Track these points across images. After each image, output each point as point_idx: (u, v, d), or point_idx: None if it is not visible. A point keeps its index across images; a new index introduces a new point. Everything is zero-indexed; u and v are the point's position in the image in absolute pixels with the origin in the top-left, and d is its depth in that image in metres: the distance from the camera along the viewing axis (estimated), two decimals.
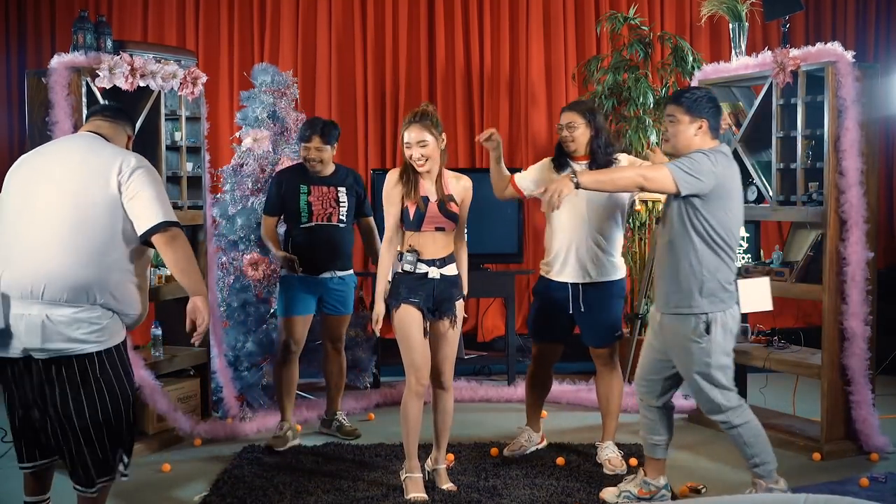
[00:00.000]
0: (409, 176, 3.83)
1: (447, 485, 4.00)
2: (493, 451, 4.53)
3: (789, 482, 4.11)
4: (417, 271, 3.82)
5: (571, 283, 4.29)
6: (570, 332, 4.48)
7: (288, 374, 4.78)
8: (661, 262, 3.72)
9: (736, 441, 3.70)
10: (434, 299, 3.86)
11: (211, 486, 4.11)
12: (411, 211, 3.81)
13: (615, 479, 4.10)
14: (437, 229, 3.84)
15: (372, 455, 4.52)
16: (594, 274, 4.27)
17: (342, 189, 4.76)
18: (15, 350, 3.13)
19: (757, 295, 4.42)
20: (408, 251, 3.83)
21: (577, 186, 3.57)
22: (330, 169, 4.79)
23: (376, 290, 3.90)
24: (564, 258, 4.29)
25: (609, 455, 4.36)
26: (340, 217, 4.75)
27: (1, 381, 3.26)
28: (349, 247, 4.84)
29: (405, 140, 3.81)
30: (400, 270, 3.85)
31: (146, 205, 3.15)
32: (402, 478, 3.96)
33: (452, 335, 3.94)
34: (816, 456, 4.42)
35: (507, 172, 4.44)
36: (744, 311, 3.81)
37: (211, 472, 4.33)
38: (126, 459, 3.26)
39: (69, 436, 3.19)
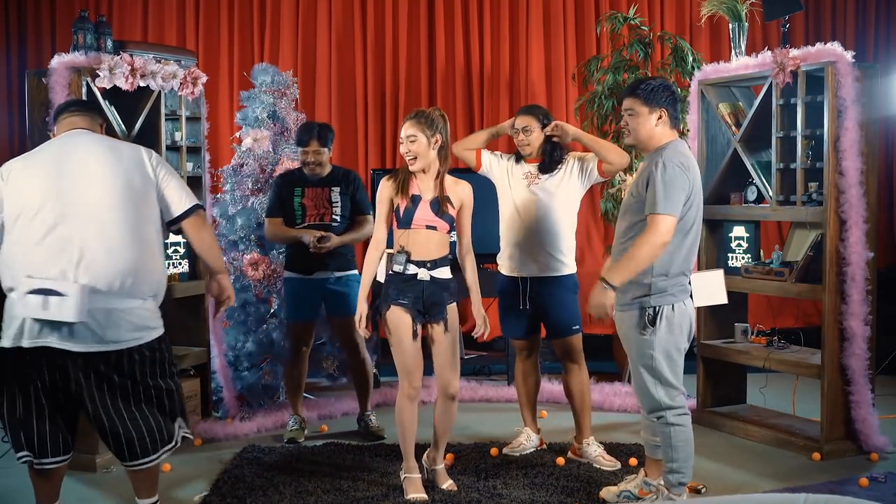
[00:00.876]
0: (401, 175, 3.88)
1: (447, 483, 4.00)
2: (493, 451, 4.53)
3: (789, 482, 4.12)
4: (407, 272, 3.82)
5: (521, 278, 4.39)
6: (537, 324, 4.53)
7: (298, 372, 4.91)
8: (619, 257, 3.67)
9: (663, 440, 3.66)
10: (423, 302, 3.84)
11: (211, 486, 4.11)
12: (402, 208, 3.83)
13: (615, 479, 4.10)
14: (429, 227, 3.83)
15: (372, 455, 4.52)
16: (537, 270, 4.36)
17: (335, 189, 4.79)
18: (83, 344, 3.22)
19: (711, 288, 4.44)
20: (398, 251, 3.84)
21: (615, 289, 3.50)
22: (326, 170, 4.83)
23: (360, 289, 3.90)
24: (510, 254, 4.42)
25: (598, 451, 4.39)
26: (333, 217, 4.77)
27: (29, 376, 3.26)
28: (345, 247, 4.83)
29: (400, 136, 3.87)
30: (391, 271, 3.86)
31: (176, 190, 3.49)
32: (402, 478, 3.97)
33: (447, 340, 3.89)
34: (816, 456, 4.42)
35: (483, 146, 4.57)
36: (697, 305, 3.81)
37: (211, 472, 4.34)
38: (184, 425, 3.49)
39: (136, 420, 3.32)
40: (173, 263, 4.94)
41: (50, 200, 3.25)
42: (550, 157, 4.38)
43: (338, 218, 4.79)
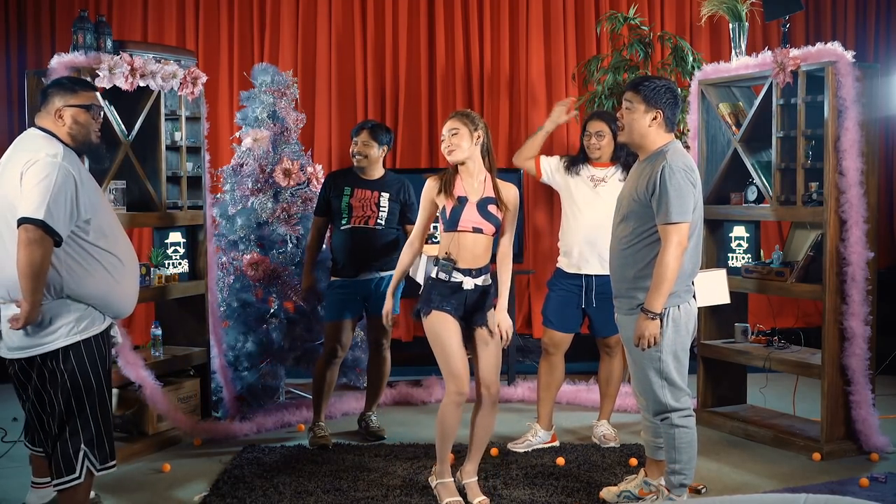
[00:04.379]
0: (446, 175, 3.82)
1: (479, 498, 3.86)
2: (494, 451, 4.53)
3: (789, 482, 4.12)
4: (452, 280, 3.74)
5: (584, 275, 4.56)
6: (583, 320, 4.72)
7: (330, 376, 4.82)
8: (623, 263, 3.64)
9: (667, 441, 3.65)
10: (465, 309, 3.78)
11: (211, 486, 4.11)
12: (448, 209, 3.75)
13: (614, 479, 4.11)
14: (475, 230, 3.76)
15: (372, 455, 4.52)
16: (599, 267, 4.53)
17: (385, 194, 4.77)
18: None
19: (714, 288, 4.44)
20: (444, 258, 3.75)
21: (659, 315, 3.49)
22: (378, 172, 4.82)
23: (389, 286, 3.89)
24: (575, 252, 4.58)
25: (604, 431, 4.68)
26: (378, 221, 4.75)
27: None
28: (389, 249, 4.80)
29: (441, 134, 3.86)
30: (434, 276, 3.77)
31: (23, 198, 3.17)
32: (434, 484, 3.90)
33: (494, 344, 3.83)
34: (816, 456, 4.42)
35: (537, 151, 4.73)
36: (700, 305, 3.79)
37: (211, 472, 4.33)
38: (90, 455, 3.31)
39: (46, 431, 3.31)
40: (173, 263, 4.94)
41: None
42: (626, 163, 4.51)
43: (382, 223, 4.76)
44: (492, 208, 3.78)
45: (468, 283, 3.75)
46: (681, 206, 3.46)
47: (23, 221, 3.09)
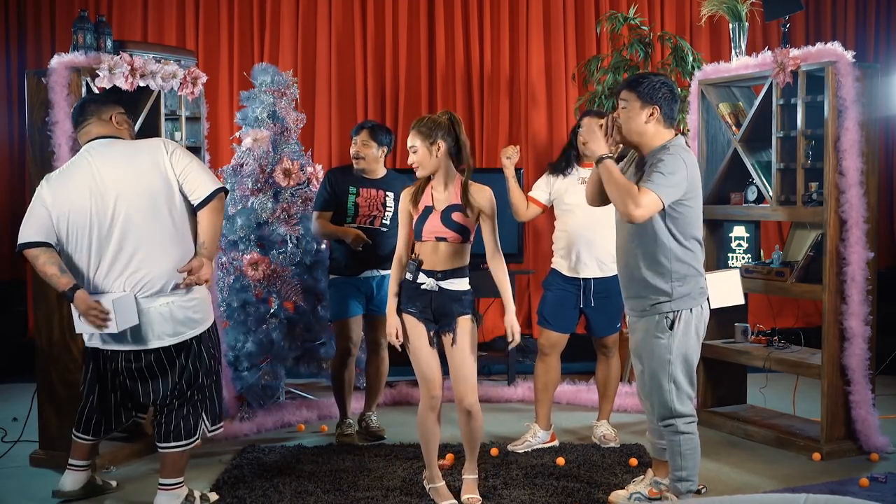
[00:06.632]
0: (419, 184, 3.84)
1: (468, 496, 3.85)
2: (494, 451, 4.53)
3: (789, 482, 4.12)
4: (417, 281, 3.77)
5: (583, 279, 4.58)
6: (578, 321, 4.74)
7: (347, 375, 4.85)
8: (631, 264, 3.59)
9: (672, 448, 3.60)
10: (433, 311, 3.77)
11: (211, 486, 4.11)
12: (415, 219, 3.79)
13: (614, 479, 4.10)
14: (438, 239, 3.74)
15: (372, 455, 4.52)
16: (597, 270, 4.57)
17: (390, 194, 4.78)
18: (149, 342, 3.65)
19: (727, 289, 4.43)
20: (411, 259, 3.79)
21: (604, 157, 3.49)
22: (380, 172, 4.82)
23: (387, 306, 3.80)
24: (571, 256, 4.59)
25: (604, 431, 4.70)
26: (384, 221, 4.76)
27: (98, 369, 3.77)
28: (392, 252, 4.79)
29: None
30: (405, 278, 3.80)
31: (196, 178, 3.71)
32: (427, 488, 3.92)
33: (457, 353, 3.75)
34: (816, 456, 4.42)
35: (524, 197, 4.67)
36: (714, 306, 3.76)
37: (211, 472, 4.34)
38: (206, 422, 3.80)
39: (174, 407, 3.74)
40: None
41: (94, 222, 3.61)
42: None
43: (387, 223, 4.76)
44: (456, 216, 3.74)
45: (430, 285, 3.74)
46: (666, 182, 3.35)
47: (217, 193, 3.66)
